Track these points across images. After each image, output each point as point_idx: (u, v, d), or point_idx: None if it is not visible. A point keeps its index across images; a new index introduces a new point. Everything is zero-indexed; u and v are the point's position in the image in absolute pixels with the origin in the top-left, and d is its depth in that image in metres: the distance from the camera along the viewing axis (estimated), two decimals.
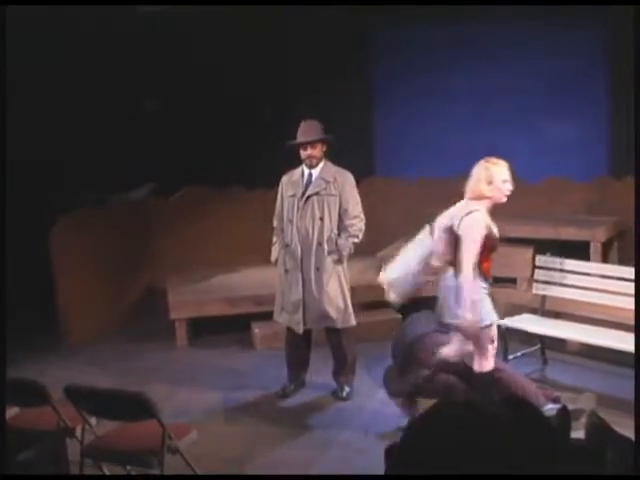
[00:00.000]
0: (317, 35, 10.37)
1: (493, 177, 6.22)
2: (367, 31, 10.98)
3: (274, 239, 7.43)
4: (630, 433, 3.22)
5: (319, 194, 7.14)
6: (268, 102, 10.22)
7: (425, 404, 6.22)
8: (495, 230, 6.29)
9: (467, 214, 6.20)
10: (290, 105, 10.02)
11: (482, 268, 6.25)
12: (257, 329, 8.92)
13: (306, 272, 7.15)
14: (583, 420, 3.96)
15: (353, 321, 7.37)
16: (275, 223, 7.43)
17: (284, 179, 7.37)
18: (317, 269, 7.15)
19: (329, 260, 7.17)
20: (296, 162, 7.31)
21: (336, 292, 7.23)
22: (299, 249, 7.14)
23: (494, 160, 6.28)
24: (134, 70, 9.93)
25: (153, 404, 5.04)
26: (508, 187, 6.27)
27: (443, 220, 6.35)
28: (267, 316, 7.98)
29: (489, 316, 6.25)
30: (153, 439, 5.11)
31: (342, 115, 10.32)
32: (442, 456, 1.86)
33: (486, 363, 6.29)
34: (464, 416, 1.95)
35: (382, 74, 11.17)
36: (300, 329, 7.26)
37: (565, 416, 3.08)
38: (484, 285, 6.27)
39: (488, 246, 6.24)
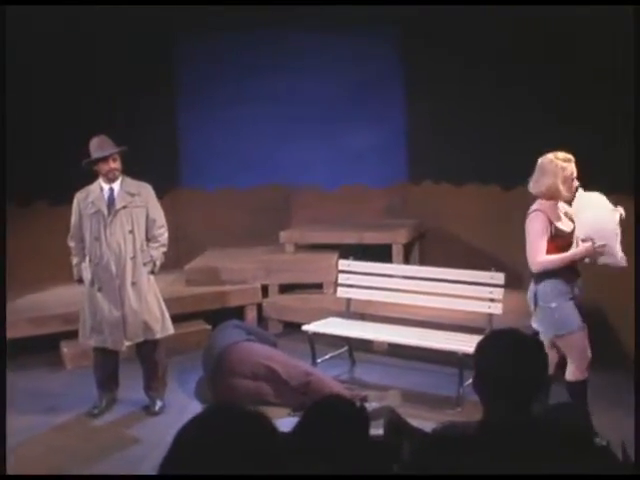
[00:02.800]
0: (120, 46, 10.26)
1: (568, 176, 5.94)
2: (171, 44, 10.96)
3: (74, 260, 7.28)
4: (431, 425, 3.40)
5: (126, 207, 7.08)
6: (71, 117, 9.99)
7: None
8: (562, 225, 6.04)
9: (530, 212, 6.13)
10: (94, 121, 9.89)
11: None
12: (66, 348, 8.74)
13: (123, 288, 7.07)
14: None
15: (172, 329, 7.39)
16: (72, 244, 7.27)
17: (79, 197, 7.21)
18: (134, 283, 7.10)
19: (144, 272, 7.15)
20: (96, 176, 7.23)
21: (154, 303, 7.23)
22: (112, 265, 7.04)
23: (563, 155, 5.99)
24: None
25: None
26: (576, 184, 6.00)
27: None
28: (76, 334, 7.85)
29: (566, 326, 6.02)
30: None
31: (146, 128, 10.28)
32: (210, 460, 1.93)
33: (575, 370, 6.12)
34: (230, 421, 2.02)
35: (186, 84, 11.16)
36: (121, 347, 7.17)
37: (361, 415, 3.23)
38: (561, 286, 6.01)
39: (554, 244, 6.02)
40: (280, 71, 10.96)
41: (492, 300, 7.65)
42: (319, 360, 8.10)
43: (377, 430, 4.08)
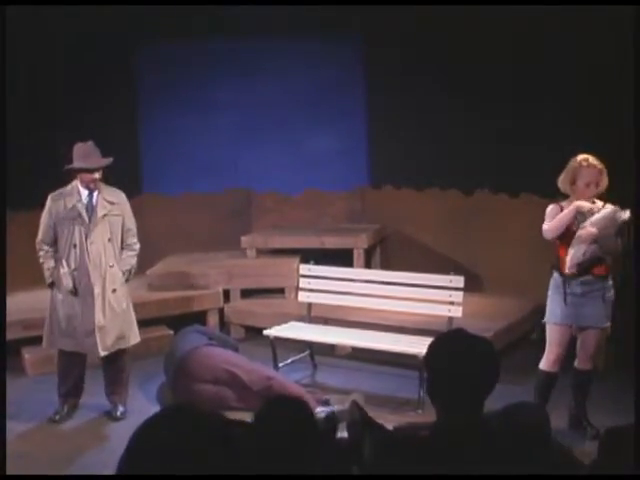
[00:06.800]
0: (81, 53, 10.22)
1: (577, 178, 6.12)
2: (130, 51, 10.93)
3: (50, 263, 7.13)
4: (391, 427, 3.44)
5: (106, 216, 7.06)
6: (31, 122, 9.93)
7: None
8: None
9: None
10: (56, 125, 9.85)
11: (557, 259, 6.34)
12: (27, 354, 8.68)
13: (103, 296, 7.02)
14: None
15: (139, 337, 7.40)
16: (45, 247, 7.13)
17: (54, 199, 7.10)
18: (114, 291, 7.07)
19: (122, 280, 7.16)
20: (58, 183, 7.20)
21: (128, 311, 7.26)
22: (92, 273, 6.98)
23: (589, 160, 6.10)
24: None
25: None
26: (591, 190, 6.12)
27: None
28: (37, 340, 7.78)
29: (548, 315, 6.39)
30: None
31: (107, 133, 10.22)
32: (170, 458, 1.94)
33: (544, 360, 6.47)
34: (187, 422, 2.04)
35: (146, 90, 11.14)
36: (96, 353, 7.11)
37: (332, 419, 3.26)
38: (557, 279, 6.31)
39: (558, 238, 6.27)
40: (240, 77, 10.96)
41: (452, 303, 7.72)
42: (281, 364, 8.14)
43: (342, 433, 4.11)
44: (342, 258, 9.49)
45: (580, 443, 6.14)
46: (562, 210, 6.22)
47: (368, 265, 10.32)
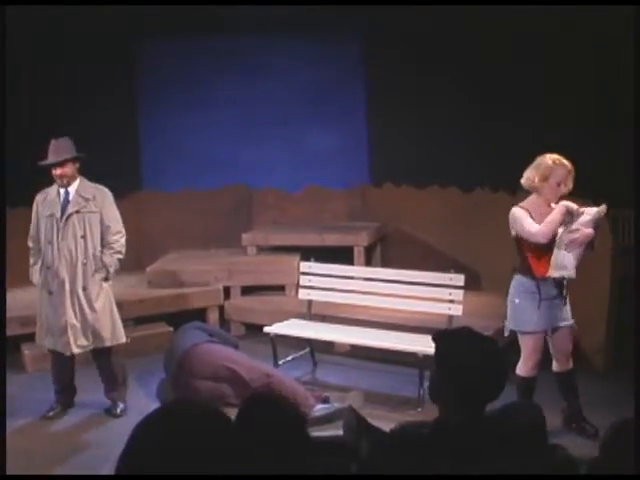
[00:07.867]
0: (82, 50, 10.23)
1: (550, 176, 6.05)
2: (130, 48, 10.94)
3: (31, 260, 7.23)
4: (392, 426, 3.45)
5: (79, 212, 7.01)
6: (29, 118, 9.94)
7: None
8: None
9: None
10: (53, 121, 9.84)
11: (526, 263, 6.27)
12: (27, 350, 8.68)
13: (73, 293, 7.01)
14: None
15: (123, 338, 7.33)
16: (31, 244, 7.24)
17: (38, 198, 7.18)
18: (84, 289, 7.03)
19: (96, 279, 7.08)
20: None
21: (105, 311, 7.15)
22: (63, 270, 6.98)
23: (561, 160, 6.05)
24: None
25: None
26: (561, 190, 6.08)
27: None
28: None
29: (520, 324, 6.27)
30: None
31: (107, 130, 10.24)
32: (171, 457, 1.95)
33: (521, 366, 6.36)
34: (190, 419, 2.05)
35: (147, 87, 11.14)
36: (69, 351, 7.09)
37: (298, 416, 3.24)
38: (527, 284, 6.20)
39: (525, 241, 6.20)
40: (241, 73, 10.97)
41: (452, 301, 7.72)
42: (281, 362, 8.15)
43: (338, 431, 4.12)
44: (342, 256, 9.50)
45: (579, 442, 6.15)
46: (529, 212, 6.13)
47: (368, 263, 10.34)
